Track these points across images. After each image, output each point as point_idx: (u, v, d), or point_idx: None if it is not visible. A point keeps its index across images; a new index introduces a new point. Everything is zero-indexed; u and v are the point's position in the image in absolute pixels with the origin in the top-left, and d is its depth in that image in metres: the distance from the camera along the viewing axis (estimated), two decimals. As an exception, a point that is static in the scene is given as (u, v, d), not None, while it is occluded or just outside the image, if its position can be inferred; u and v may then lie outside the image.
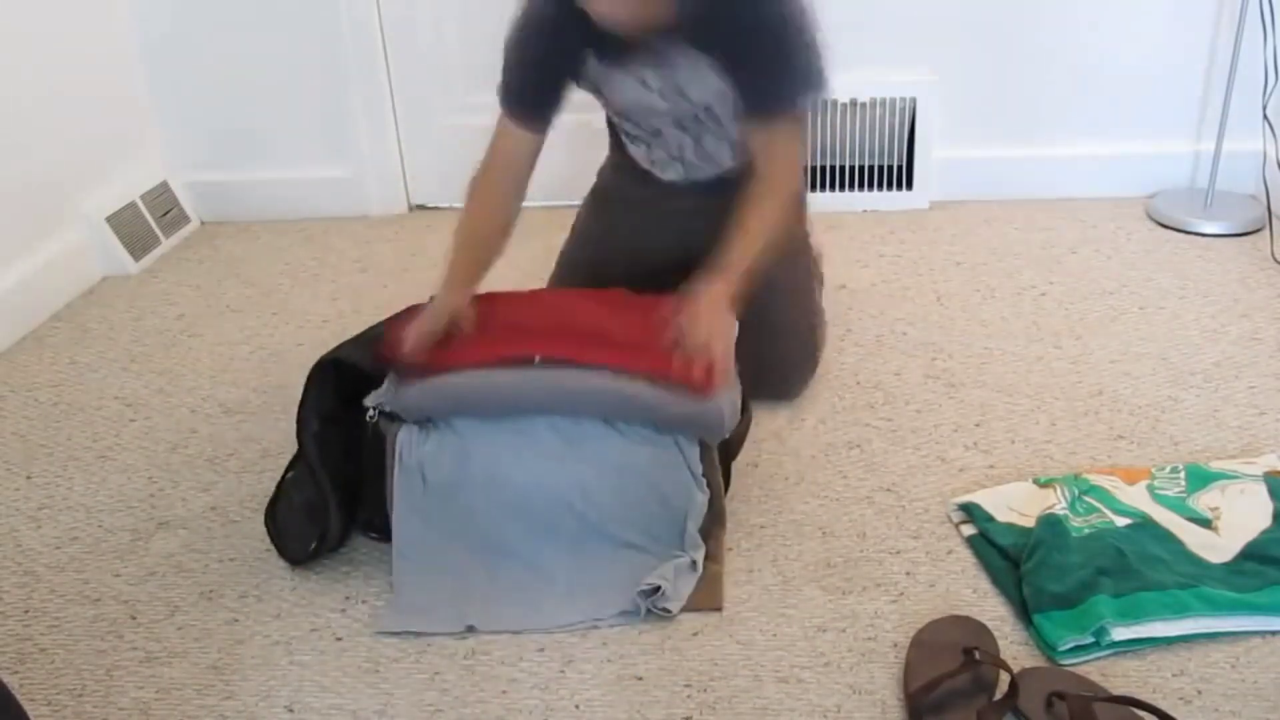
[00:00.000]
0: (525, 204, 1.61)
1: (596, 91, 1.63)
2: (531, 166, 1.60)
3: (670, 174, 1.71)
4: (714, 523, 1.44)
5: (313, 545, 1.43)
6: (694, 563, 1.37)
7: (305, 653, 1.30)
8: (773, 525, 1.48)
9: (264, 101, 2.61)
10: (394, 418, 1.41)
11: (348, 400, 1.44)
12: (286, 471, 1.55)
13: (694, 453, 1.39)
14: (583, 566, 1.38)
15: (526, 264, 2.04)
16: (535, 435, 1.40)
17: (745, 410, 1.50)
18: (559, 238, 1.89)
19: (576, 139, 1.96)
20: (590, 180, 1.90)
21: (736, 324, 1.47)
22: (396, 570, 1.39)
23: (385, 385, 1.43)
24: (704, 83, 1.53)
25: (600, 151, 1.88)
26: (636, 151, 1.73)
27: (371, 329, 1.55)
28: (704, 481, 1.40)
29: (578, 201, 1.91)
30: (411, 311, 1.52)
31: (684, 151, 1.66)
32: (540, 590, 1.36)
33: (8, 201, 2.17)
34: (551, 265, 1.88)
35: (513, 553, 1.39)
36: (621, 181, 1.81)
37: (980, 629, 1.27)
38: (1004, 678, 1.19)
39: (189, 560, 1.48)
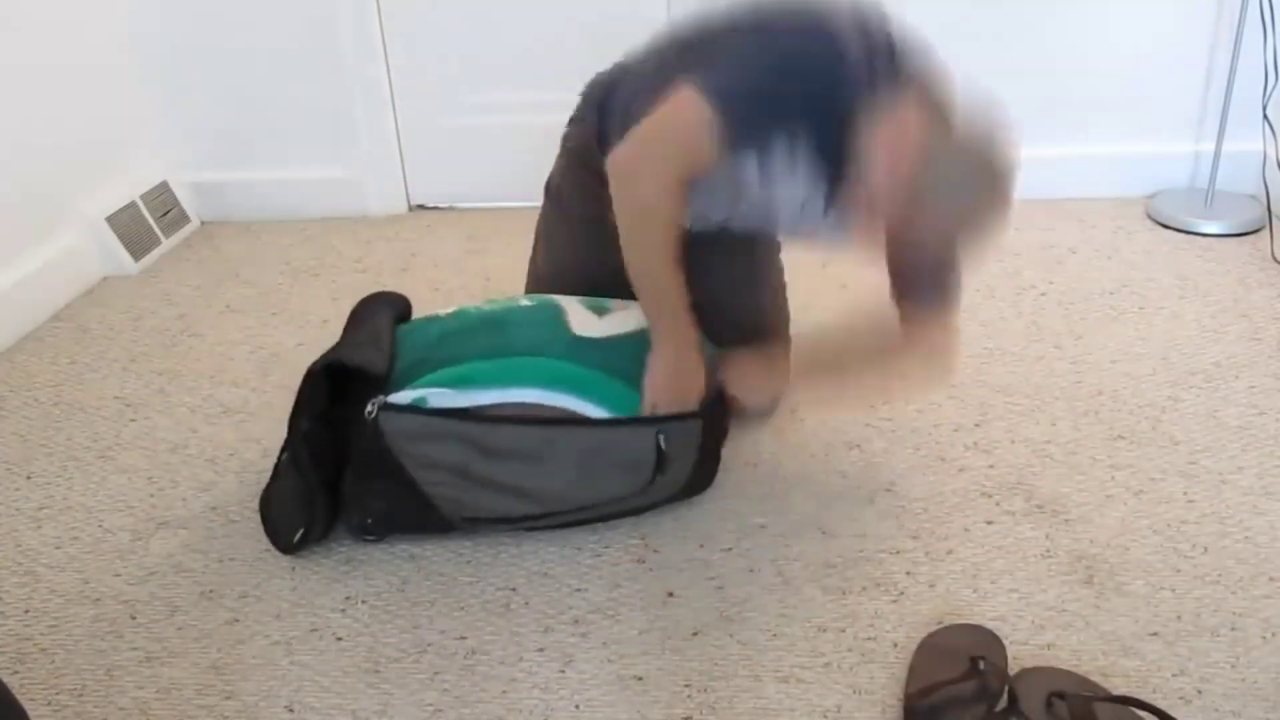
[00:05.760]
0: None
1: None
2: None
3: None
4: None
5: (297, 536, 1.46)
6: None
7: (305, 653, 1.31)
8: (773, 525, 1.49)
9: (264, 101, 2.61)
10: (392, 408, 1.40)
11: (338, 397, 1.45)
12: (281, 453, 1.56)
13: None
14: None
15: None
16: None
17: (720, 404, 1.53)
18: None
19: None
20: None
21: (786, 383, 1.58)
22: None
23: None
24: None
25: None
26: None
27: (359, 330, 1.55)
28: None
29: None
30: (371, 299, 1.59)
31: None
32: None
33: (8, 201, 2.17)
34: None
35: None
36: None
37: (991, 639, 1.25)
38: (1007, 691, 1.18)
39: (189, 560, 1.48)
